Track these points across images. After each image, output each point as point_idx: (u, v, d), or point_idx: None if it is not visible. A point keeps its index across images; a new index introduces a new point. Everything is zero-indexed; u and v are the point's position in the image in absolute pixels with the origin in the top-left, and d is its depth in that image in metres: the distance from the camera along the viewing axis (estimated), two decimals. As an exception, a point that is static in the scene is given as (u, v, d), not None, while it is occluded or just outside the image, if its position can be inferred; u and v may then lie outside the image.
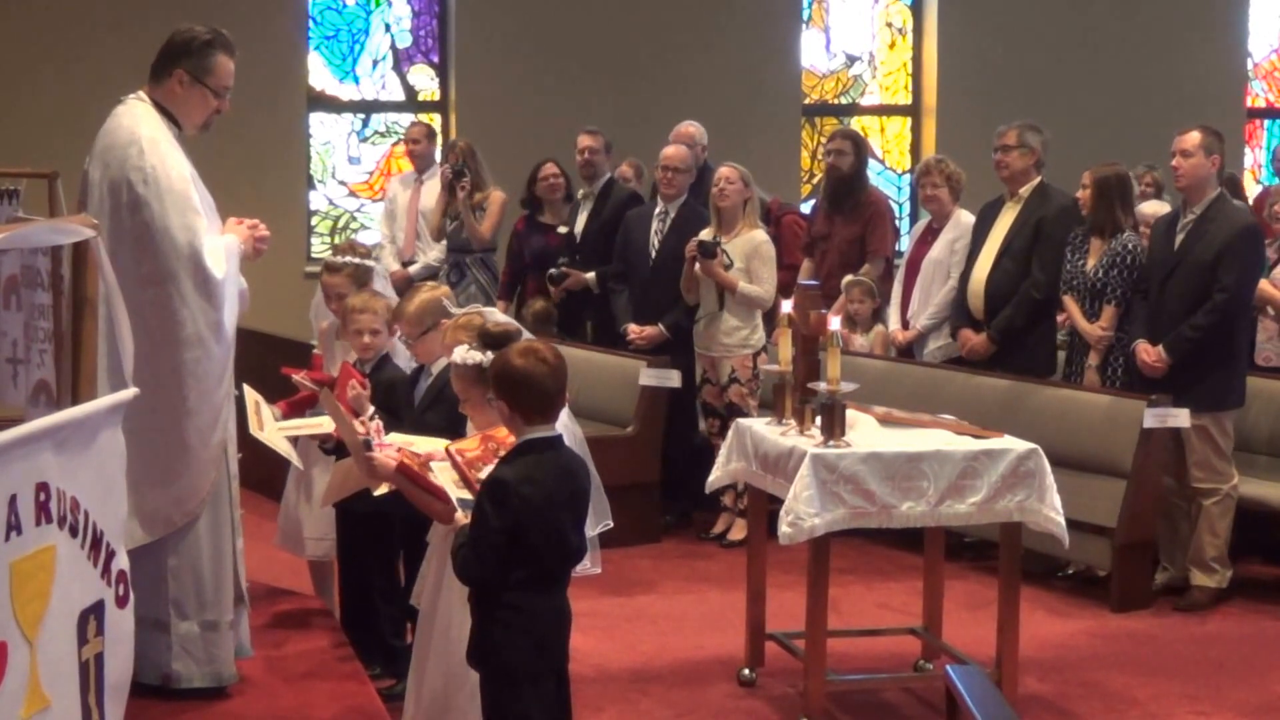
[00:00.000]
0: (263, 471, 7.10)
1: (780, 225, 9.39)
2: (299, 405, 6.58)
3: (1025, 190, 8.30)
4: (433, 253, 10.36)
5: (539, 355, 4.30)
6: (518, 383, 4.25)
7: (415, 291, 5.88)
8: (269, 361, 8.81)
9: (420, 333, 5.65)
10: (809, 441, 5.77)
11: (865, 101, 13.66)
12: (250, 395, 5.95)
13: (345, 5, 12.32)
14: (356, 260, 6.61)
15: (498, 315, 5.09)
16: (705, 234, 8.54)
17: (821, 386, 5.70)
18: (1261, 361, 8.20)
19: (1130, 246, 7.79)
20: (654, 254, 8.93)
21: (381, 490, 5.04)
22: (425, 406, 5.57)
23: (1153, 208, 8.52)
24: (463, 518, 4.40)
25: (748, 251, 8.42)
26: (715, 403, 8.56)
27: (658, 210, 9.04)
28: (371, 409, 5.49)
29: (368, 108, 12.43)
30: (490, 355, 4.57)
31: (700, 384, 8.67)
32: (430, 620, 4.81)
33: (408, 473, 4.67)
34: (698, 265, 8.42)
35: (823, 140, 12.79)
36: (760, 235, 8.52)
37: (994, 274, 8.26)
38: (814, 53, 13.44)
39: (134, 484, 4.18)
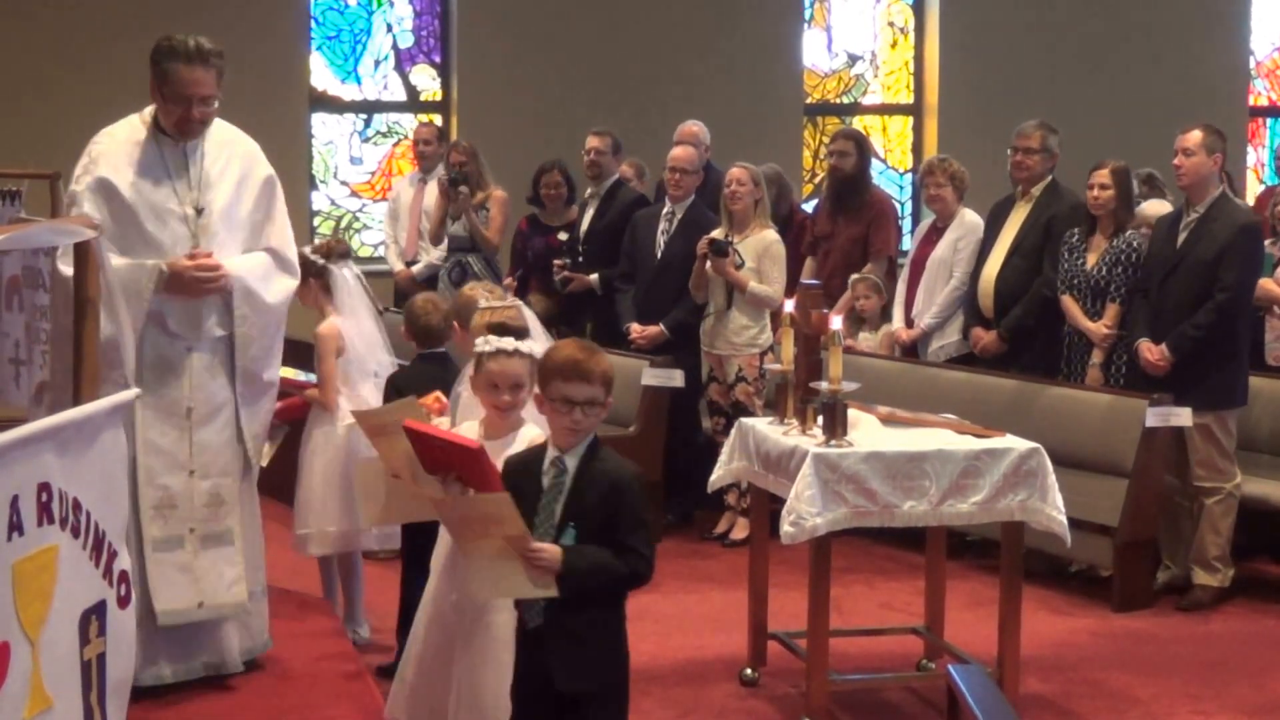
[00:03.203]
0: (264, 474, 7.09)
1: (803, 230, 9.48)
2: (284, 414, 6.63)
3: (1037, 189, 8.31)
4: (436, 252, 10.37)
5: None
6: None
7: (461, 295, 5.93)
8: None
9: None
10: (811, 441, 5.78)
11: (867, 101, 13.67)
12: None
13: (347, 5, 12.33)
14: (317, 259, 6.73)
15: (528, 313, 5.20)
16: (717, 233, 8.55)
17: (823, 386, 5.71)
18: (1273, 361, 8.19)
19: (1134, 244, 7.79)
20: (659, 254, 8.94)
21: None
22: None
23: (1154, 207, 8.52)
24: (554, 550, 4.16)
25: (759, 251, 8.43)
26: (721, 401, 8.57)
27: (665, 211, 9.05)
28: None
29: (370, 108, 12.45)
30: (487, 342, 4.69)
31: (706, 382, 8.68)
32: (452, 653, 4.75)
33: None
34: (709, 264, 8.43)
35: (825, 140, 12.82)
36: (771, 235, 8.53)
37: (1004, 272, 8.28)
38: (816, 52, 13.45)
39: None
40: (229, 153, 5.75)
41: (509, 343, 4.71)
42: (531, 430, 4.77)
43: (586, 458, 4.23)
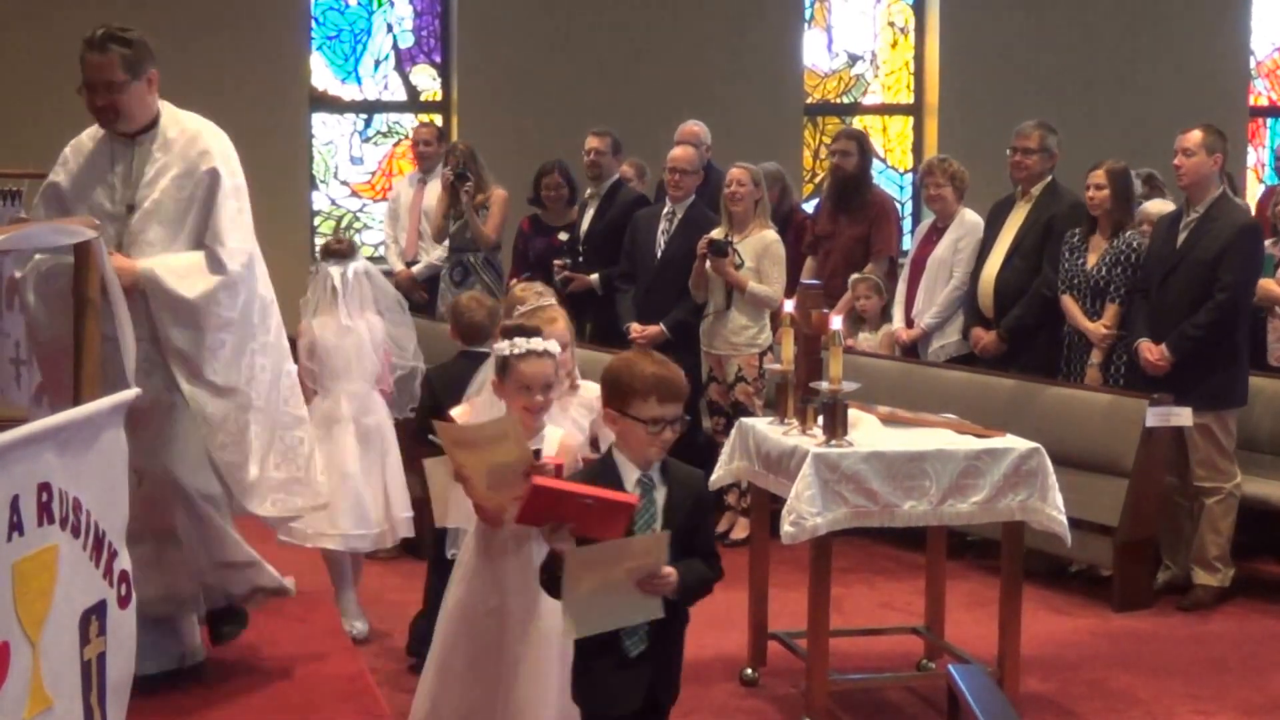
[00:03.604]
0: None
1: (802, 230, 9.51)
2: None
3: (1036, 189, 8.31)
4: (436, 252, 10.38)
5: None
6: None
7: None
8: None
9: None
10: (811, 441, 5.77)
11: (867, 101, 13.66)
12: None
13: (347, 5, 12.33)
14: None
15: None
16: (716, 233, 8.55)
17: (823, 386, 5.70)
18: (1274, 361, 8.18)
19: (1134, 244, 7.79)
20: (660, 254, 8.94)
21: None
22: None
23: (1157, 206, 8.53)
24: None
25: (758, 251, 8.44)
26: (721, 401, 8.57)
27: (665, 210, 9.05)
28: None
29: (370, 108, 12.45)
30: (515, 345, 4.61)
31: (706, 382, 8.68)
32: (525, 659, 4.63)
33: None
34: (708, 264, 8.43)
35: (825, 140, 12.83)
36: (771, 235, 8.53)
37: (1004, 272, 8.27)
38: (816, 52, 13.44)
39: None
40: (179, 148, 5.63)
41: (538, 343, 4.67)
42: (554, 430, 4.74)
43: (664, 471, 4.20)
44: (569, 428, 4.94)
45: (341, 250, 6.91)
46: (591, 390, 5.33)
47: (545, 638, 4.56)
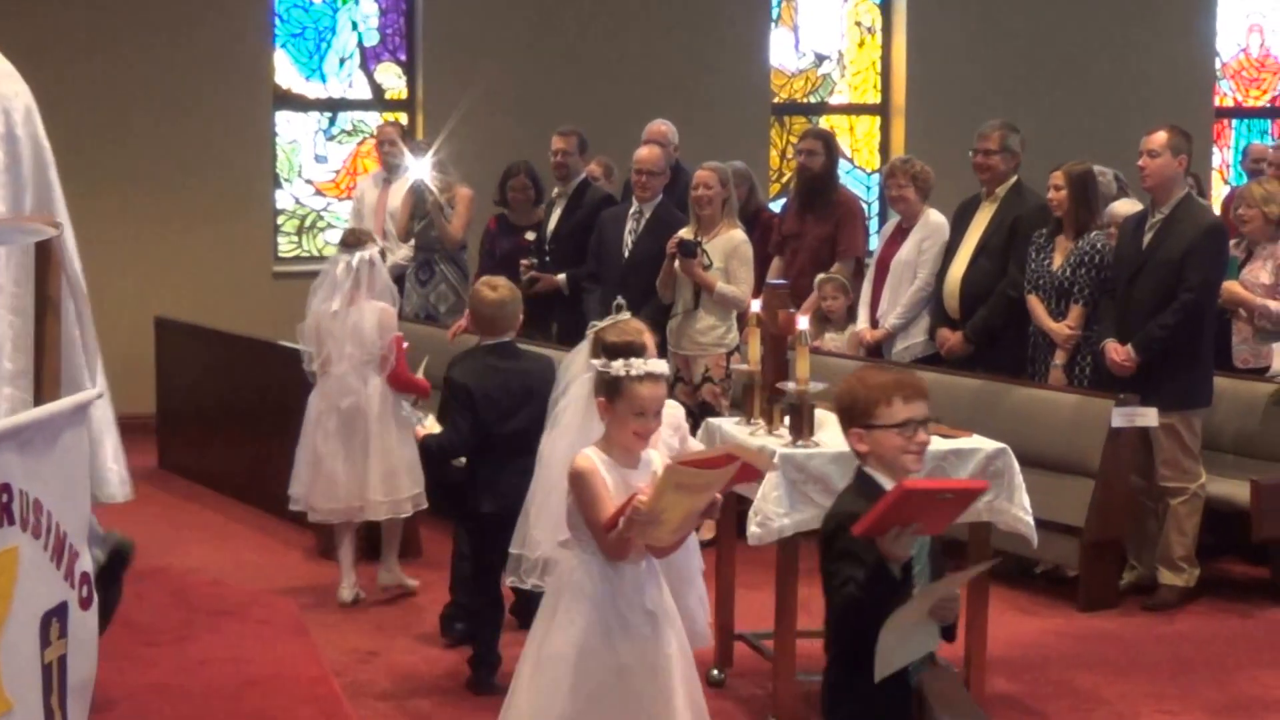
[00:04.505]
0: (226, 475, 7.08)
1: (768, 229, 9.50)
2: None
3: (1002, 190, 8.31)
4: (401, 251, 10.34)
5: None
6: None
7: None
8: (237, 361, 8.79)
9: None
10: (778, 441, 5.77)
11: (834, 100, 13.68)
12: None
13: (312, 3, 12.28)
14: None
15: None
16: (685, 233, 8.53)
17: (790, 386, 5.70)
18: (1239, 364, 8.20)
19: (1098, 246, 7.80)
20: (627, 254, 8.92)
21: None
22: None
23: (1124, 206, 8.55)
24: None
25: (727, 251, 8.42)
26: (688, 401, 8.53)
27: (632, 210, 9.03)
28: None
29: (334, 106, 12.40)
30: (631, 366, 4.35)
31: (673, 383, 8.66)
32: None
33: None
34: (677, 264, 8.42)
35: (792, 140, 12.84)
36: (739, 236, 8.52)
37: (970, 273, 8.27)
38: (783, 52, 13.46)
39: None
40: None
41: (655, 364, 4.40)
42: (655, 457, 4.46)
43: None
44: (661, 449, 4.66)
45: (350, 241, 7.22)
46: (672, 408, 5.19)
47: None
